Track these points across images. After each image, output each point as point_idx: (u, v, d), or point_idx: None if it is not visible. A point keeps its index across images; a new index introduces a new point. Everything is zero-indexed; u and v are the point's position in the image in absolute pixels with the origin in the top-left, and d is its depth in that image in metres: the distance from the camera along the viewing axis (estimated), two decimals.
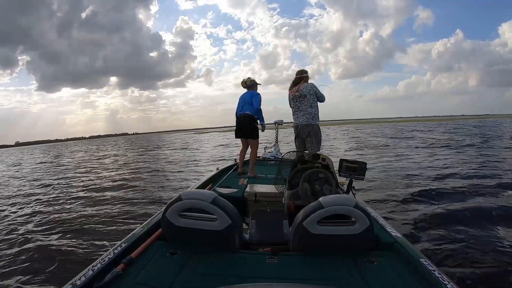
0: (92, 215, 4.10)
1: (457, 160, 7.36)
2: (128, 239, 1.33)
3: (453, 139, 13.33)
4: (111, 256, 1.15)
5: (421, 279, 1.03)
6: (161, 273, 1.08)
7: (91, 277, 1.01)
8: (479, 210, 3.34)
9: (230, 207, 1.27)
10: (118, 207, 4.45)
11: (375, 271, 1.10)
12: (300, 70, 3.42)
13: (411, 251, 1.21)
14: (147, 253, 1.21)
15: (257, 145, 3.52)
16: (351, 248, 1.22)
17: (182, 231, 1.25)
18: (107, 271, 1.03)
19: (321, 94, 3.27)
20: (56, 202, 5.24)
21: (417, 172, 6.01)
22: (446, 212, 3.33)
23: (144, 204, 4.57)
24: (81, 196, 5.59)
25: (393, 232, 1.41)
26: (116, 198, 5.13)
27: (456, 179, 5.10)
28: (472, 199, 3.83)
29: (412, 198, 4.02)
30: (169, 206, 1.25)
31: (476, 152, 8.70)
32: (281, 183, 2.33)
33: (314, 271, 1.12)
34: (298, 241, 1.23)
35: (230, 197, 2.41)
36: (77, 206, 4.79)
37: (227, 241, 1.25)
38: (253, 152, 3.46)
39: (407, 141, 13.71)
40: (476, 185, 4.51)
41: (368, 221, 1.19)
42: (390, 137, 17.68)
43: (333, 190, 1.70)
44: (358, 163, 1.87)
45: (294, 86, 3.34)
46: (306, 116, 3.24)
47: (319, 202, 1.20)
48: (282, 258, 1.20)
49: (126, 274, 1.04)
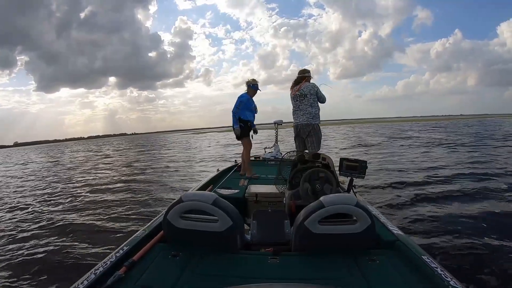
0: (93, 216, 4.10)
1: (454, 158, 7.42)
2: (129, 242, 1.32)
3: (449, 138, 13.41)
4: (113, 259, 1.15)
5: (423, 277, 1.02)
6: (163, 276, 1.08)
7: (93, 280, 1.00)
8: (478, 208, 3.36)
9: (231, 208, 1.26)
10: (117, 208, 4.45)
11: (377, 269, 1.10)
12: (303, 69, 3.38)
13: (413, 248, 1.20)
14: (149, 255, 1.21)
15: (246, 145, 3.48)
16: (353, 247, 1.22)
17: (183, 233, 1.25)
18: (109, 274, 1.02)
19: (321, 95, 3.24)
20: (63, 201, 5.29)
21: (414, 170, 6.06)
22: (445, 212, 3.35)
23: (146, 206, 4.56)
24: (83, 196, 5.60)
25: (394, 230, 1.40)
26: (116, 200, 5.12)
27: (455, 179, 5.12)
28: (471, 198, 3.85)
29: (411, 196, 4.04)
30: (170, 208, 1.25)
31: (471, 151, 8.78)
32: (282, 183, 2.32)
33: (316, 271, 1.12)
34: (299, 241, 1.23)
35: (231, 198, 2.40)
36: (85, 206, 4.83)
37: (228, 242, 1.25)
38: (243, 152, 3.49)
39: (403, 141, 13.76)
40: (475, 185, 4.54)
41: (369, 220, 1.19)
42: (387, 136, 17.73)
43: (333, 189, 1.70)
44: (359, 162, 1.86)
45: (296, 85, 3.31)
46: (306, 116, 3.21)
47: (320, 202, 1.20)
48: (284, 258, 1.20)
49: (128, 277, 1.04)
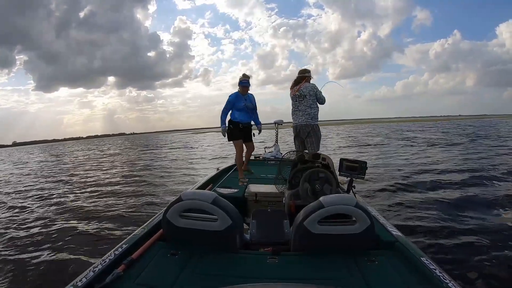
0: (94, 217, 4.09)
1: (452, 157, 7.50)
2: (128, 240, 1.32)
3: (445, 138, 13.50)
4: (112, 257, 1.15)
5: (422, 278, 1.03)
6: (162, 274, 1.08)
7: (92, 278, 1.00)
8: (477, 207, 3.39)
9: (230, 207, 1.27)
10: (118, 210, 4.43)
11: (376, 270, 1.10)
12: (303, 69, 3.36)
13: (412, 250, 1.21)
14: (148, 254, 1.21)
15: (236, 148, 3.26)
16: (352, 248, 1.22)
17: (182, 232, 1.25)
18: (108, 272, 1.02)
19: (321, 96, 3.23)
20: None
21: (411, 169, 6.08)
22: (445, 212, 3.35)
23: (145, 205, 4.54)
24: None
25: (394, 231, 1.41)
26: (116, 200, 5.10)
27: (454, 178, 5.13)
28: (468, 197, 3.87)
29: (411, 196, 4.06)
30: (169, 206, 1.25)
31: (469, 149, 8.86)
32: (282, 183, 2.33)
33: (315, 271, 1.12)
34: (299, 241, 1.23)
35: (230, 197, 2.40)
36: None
37: (228, 242, 1.25)
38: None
39: (401, 141, 13.80)
40: (474, 183, 4.57)
41: (368, 220, 1.19)
42: (385, 136, 17.78)
43: (333, 189, 1.70)
44: (359, 162, 1.86)
45: (295, 86, 3.29)
46: (305, 117, 3.21)
47: (319, 202, 1.20)
48: (283, 258, 1.20)
49: (127, 275, 1.04)
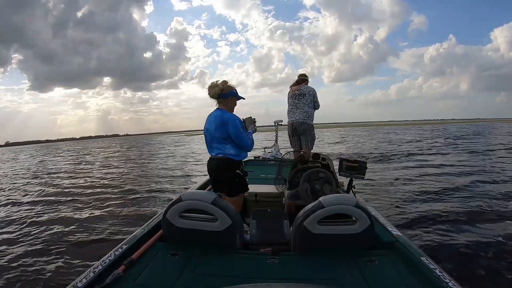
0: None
1: (452, 157, 7.62)
2: (128, 240, 1.31)
3: (443, 143, 13.67)
4: (112, 258, 1.14)
5: (422, 278, 1.03)
6: (162, 275, 1.07)
7: (92, 278, 0.99)
8: (478, 208, 3.42)
9: (230, 208, 1.27)
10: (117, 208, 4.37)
11: (376, 270, 1.10)
12: (303, 73, 3.56)
13: (412, 249, 1.21)
14: (148, 254, 1.20)
15: (239, 202, 1.88)
16: (352, 248, 1.22)
17: (182, 232, 1.24)
18: (108, 272, 1.02)
19: (317, 101, 3.40)
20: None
21: (410, 171, 6.14)
22: (444, 210, 3.40)
23: (143, 205, 4.49)
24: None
25: (393, 231, 1.41)
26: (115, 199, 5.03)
27: (454, 178, 5.23)
28: (468, 196, 3.94)
29: (409, 196, 4.11)
30: (169, 207, 1.24)
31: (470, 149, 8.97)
32: (281, 183, 2.33)
33: (315, 271, 1.12)
34: (298, 241, 1.23)
35: None
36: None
37: (227, 242, 1.25)
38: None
39: (395, 144, 13.94)
40: (473, 184, 4.64)
41: (368, 220, 1.19)
42: (379, 141, 17.94)
43: (333, 189, 1.70)
44: (359, 162, 1.87)
45: (296, 85, 3.44)
46: (303, 114, 3.32)
47: (319, 202, 1.20)
48: (283, 258, 1.19)
49: (127, 276, 1.03)
